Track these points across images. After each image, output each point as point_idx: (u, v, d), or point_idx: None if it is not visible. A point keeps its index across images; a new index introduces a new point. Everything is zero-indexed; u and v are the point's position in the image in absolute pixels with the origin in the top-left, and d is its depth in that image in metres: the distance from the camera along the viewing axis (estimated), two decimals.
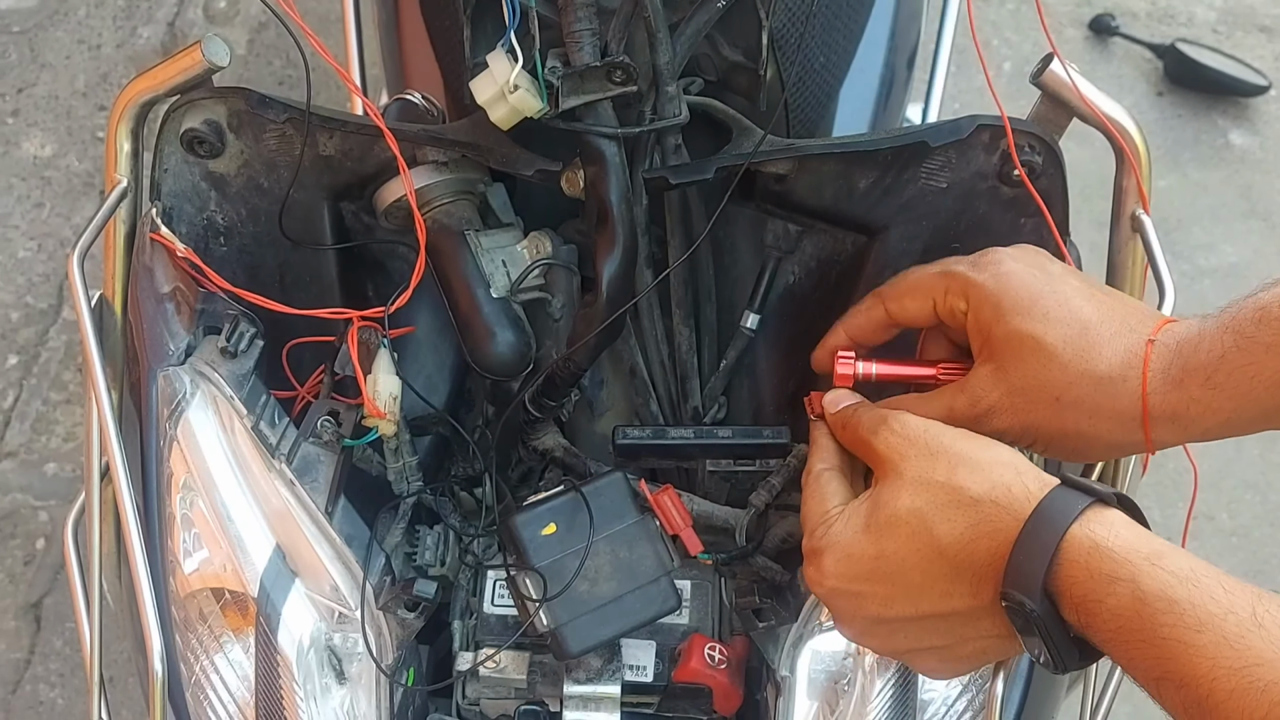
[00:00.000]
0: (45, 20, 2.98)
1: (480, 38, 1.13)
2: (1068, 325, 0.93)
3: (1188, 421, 0.92)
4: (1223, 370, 0.89)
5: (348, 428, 1.09)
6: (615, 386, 1.27)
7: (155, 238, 1.10)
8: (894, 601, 0.91)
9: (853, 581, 0.92)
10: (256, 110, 1.12)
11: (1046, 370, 0.93)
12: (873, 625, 0.94)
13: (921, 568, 0.88)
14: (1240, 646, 0.73)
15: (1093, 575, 0.79)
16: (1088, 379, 0.92)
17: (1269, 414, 0.90)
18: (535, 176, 1.12)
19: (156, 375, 1.07)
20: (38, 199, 2.77)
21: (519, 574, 1.06)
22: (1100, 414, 0.93)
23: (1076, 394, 0.93)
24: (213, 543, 1.05)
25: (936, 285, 1.00)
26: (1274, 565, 2.36)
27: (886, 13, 1.44)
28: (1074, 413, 0.93)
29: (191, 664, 1.05)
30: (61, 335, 2.63)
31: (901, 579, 0.90)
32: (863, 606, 0.93)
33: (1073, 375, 0.93)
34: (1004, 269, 0.96)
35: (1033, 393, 0.94)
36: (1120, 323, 0.93)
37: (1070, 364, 0.93)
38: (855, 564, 0.91)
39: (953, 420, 0.96)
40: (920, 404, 1.00)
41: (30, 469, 2.50)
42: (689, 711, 1.12)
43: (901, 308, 1.03)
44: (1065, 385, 0.93)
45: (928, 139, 1.10)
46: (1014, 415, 0.95)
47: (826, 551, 0.93)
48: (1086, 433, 0.94)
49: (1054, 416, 0.94)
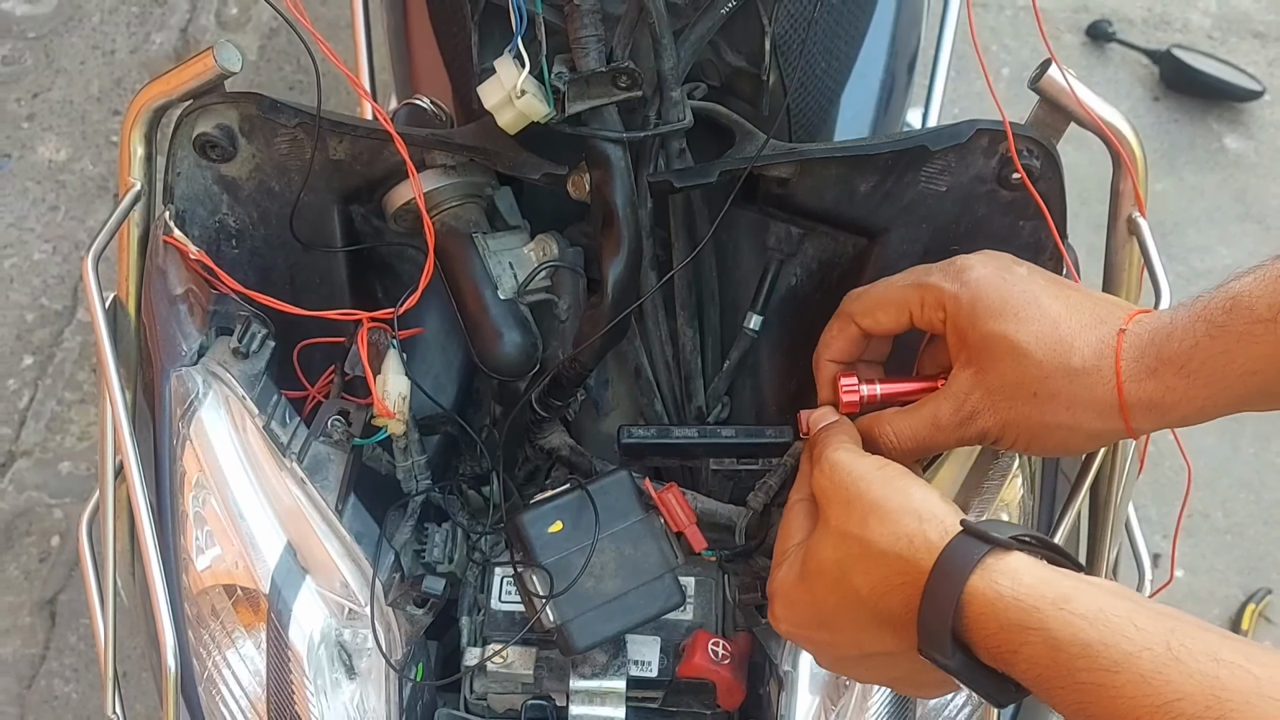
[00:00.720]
0: (60, 26, 2.99)
1: (488, 44, 1.14)
2: (1038, 322, 0.94)
3: (1165, 409, 0.92)
4: (1196, 359, 0.90)
5: (357, 427, 1.10)
6: (620, 386, 1.27)
7: (168, 240, 1.11)
8: (839, 645, 0.93)
9: (800, 627, 0.95)
10: (268, 115, 1.12)
11: (1022, 368, 0.94)
12: (836, 663, 0.97)
13: (850, 615, 0.90)
14: (1158, 682, 0.72)
15: (1003, 627, 0.79)
16: (1062, 373, 0.93)
17: (1244, 399, 0.91)
18: (542, 180, 1.13)
19: (169, 375, 1.08)
20: (53, 202, 2.78)
21: (526, 571, 1.07)
22: (1078, 405, 0.93)
23: (1053, 388, 0.93)
24: (225, 540, 1.05)
25: (911, 297, 1.00)
26: (1268, 563, 2.37)
27: (887, 19, 1.43)
28: (1053, 406, 0.94)
29: (204, 659, 1.05)
30: (76, 336, 2.64)
31: (836, 626, 0.92)
32: (818, 649, 0.97)
33: (1048, 370, 0.93)
34: (973, 275, 0.97)
35: (1011, 390, 0.95)
36: (1090, 315, 0.94)
37: (1044, 360, 0.93)
38: (797, 611, 0.94)
39: (940, 427, 0.98)
40: (906, 416, 1.00)
41: (45, 468, 2.51)
42: (693, 706, 1.13)
43: (875, 322, 1.03)
44: (1041, 380, 0.94)
45: (927, 143, 1.10)
46: (995, 414, 0.96)
47: (776, 597, 0.96)
48: (1067, 424, 0.94)
49: (1034, 412, 0.94)
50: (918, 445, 1.00)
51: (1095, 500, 1.14)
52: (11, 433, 2.54)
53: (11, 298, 2.67)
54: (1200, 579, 2.32)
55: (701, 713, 1.13)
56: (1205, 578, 2.32)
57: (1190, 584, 2.33)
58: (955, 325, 0.97)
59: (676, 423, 1.25)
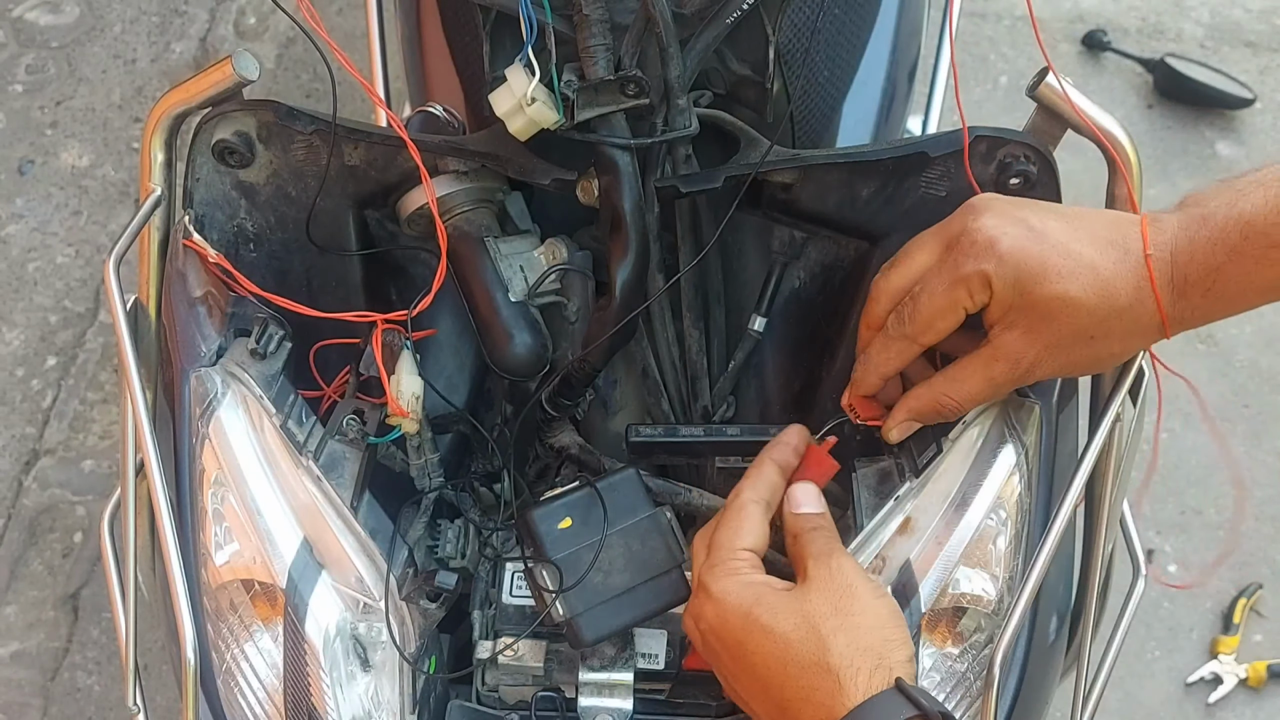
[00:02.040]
0: (82, 36, 3.00)
1: (499, 53, 1.15)
2: (1081, 273, 0.97)
3: (1193, 322, 0.99)
4: (1220, 283, 0.96)
5: (372, 426, 1.11)
6: (628, 386, 1.28)
7: (188, 244, 1.12)
8: (738, 680, 0.98)
9: (716, 640, 0.98)
10: (285, 122, 1.13)
11: (1077, 320, 0.98)
12: (721, 678, 1.01)
13: (763, 681, 0.95)
14: None
15: None
16: (1114, 314, 0.98)
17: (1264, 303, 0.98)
18: (552, 185, 1.14)
19: (189, 376, 1.09)
20: (75, 207, 2.79)
21: (536, 566, 1.08)
22: (1129, 336, 1.00)
23: (1108, 328, 0.99)
24: (243, 536, 1.06)
25: (960, 296, 1.01)
26: (1259, 559, 2.37)
27: (888, 28, 1.44)
28: (1107, 342, 1.00)
29: (222, 652, 1.06)
30: (98, 337, 2.65)
31: (748, 673, 0.96)
32: (717, 662, 1.00)
33: (1101, 315, 0.98)
34: (1004, 245, 0.98)
35: (1070, 340, 0.99)
36: (1113, 244, 0.98)
37: (1096, 307, 0.97)
38: (725, 631, 0.97)
39: (998, 386, 1.03)
40: (961, 384, 1.04)
41: (68, 465, 2.52)
42: (699, 698, 1.14)
43: (936, 334, 1.04)
44: (1097, 324, 0.98)
45: (927, 149, 1.11)
46: (1054, 363, 1.01)
47: (710, 601, 0.99)
48: (1117, 352, 1.02)
49: (1090, 351, 1.00)
50: (976, 404, 1.06)
51: (1091, 497, 1.15)
52: (35, 431, 2.56)
53: (35, 300, 2.69)
54: (1193, 574, 2.33)
55: (706, 704, 1.14)
56: (1198, 573, 2.33)
57: (1183, 579, 2.34)
58: (1000, 299, 0.99)
59: (683, 422, 1.25)
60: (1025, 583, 1.02)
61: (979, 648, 1.04)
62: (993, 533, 1.05)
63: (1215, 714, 2.27)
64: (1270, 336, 2.60)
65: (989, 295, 0.99)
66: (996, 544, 1.05)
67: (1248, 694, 2.28)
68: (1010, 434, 1.07)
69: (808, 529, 1.04)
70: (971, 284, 0.99)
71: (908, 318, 1.04)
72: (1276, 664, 2.27)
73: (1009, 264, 0.98)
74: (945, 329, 1.03)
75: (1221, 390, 2.54)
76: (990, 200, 1.03)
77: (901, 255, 1.06)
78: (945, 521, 1.05)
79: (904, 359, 1.07)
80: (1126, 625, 1.15)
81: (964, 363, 1.04)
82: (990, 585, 1.04)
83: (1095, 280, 0.97)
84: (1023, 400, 1.09)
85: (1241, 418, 2.52)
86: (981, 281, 0.99)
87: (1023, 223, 0.99)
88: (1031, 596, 1.02)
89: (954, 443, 1.08)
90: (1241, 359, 2.58)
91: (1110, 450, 1.12)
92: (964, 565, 1.04)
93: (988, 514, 1.06)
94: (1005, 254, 0.98)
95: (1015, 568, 1.05)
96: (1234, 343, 2.60)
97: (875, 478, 1.11)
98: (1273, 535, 2.41)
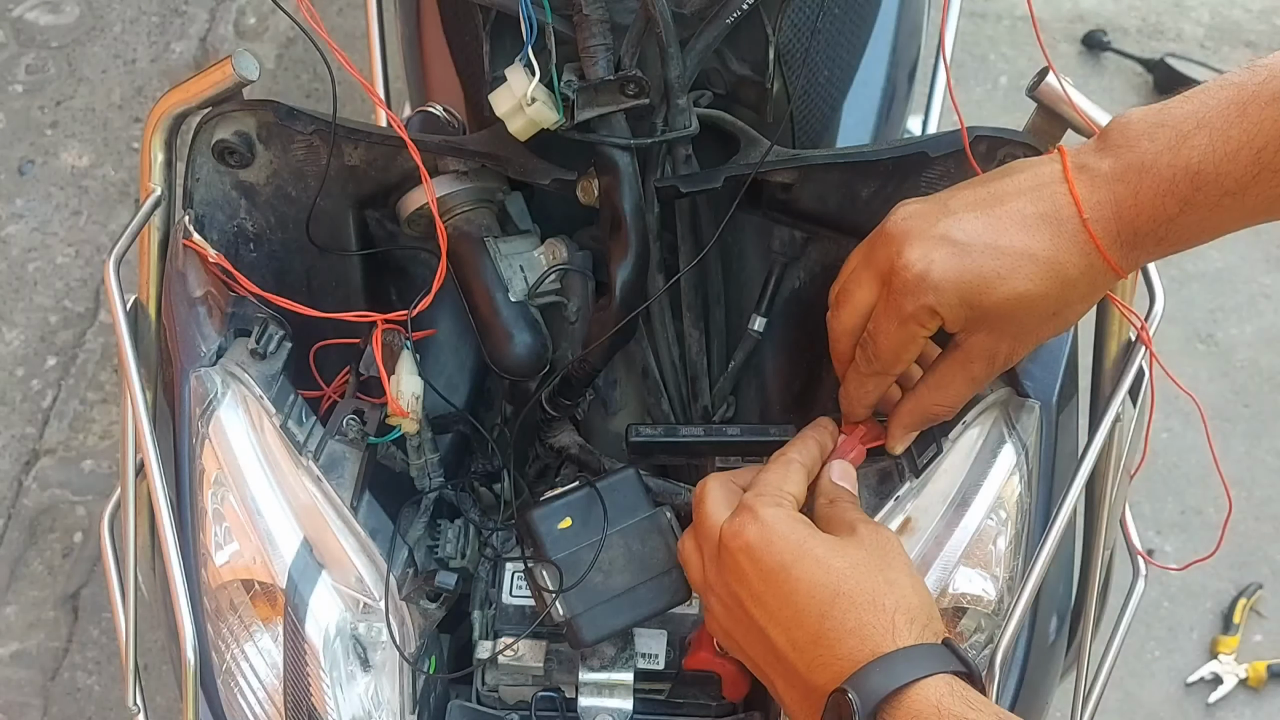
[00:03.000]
0: (83, 36, 3.00)
1: (499, 53, 1.15)
2: (1020, 267, 0.95)
3: (1146, 262, 0.99)
4: (1174, 232, 0.94)
5: (372, 426, 1.11)
6: (628, 386, 1.28)
7: (188, 244, 1.12)
8: (761, 602, 0.95)
9: (749, 560, 0.96)
10: (285, 122, 1.13)
11: (1034, 307, 0.97)
12: (733, 604, 0.98)
13: (800, 608, 0.93)
14: None
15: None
16: (1067, 286, 0.96)
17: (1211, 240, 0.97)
18: (552, 185, 1.14)
19: (189, 376, 1.09)
20: (75, 207, 2.79)
21: (536, 566, 1.08)
22: (1088, 299, 0.99)
23: (1066, 299, 0.97)
24: (243, 536, 1.06)
25: (914, 330, 0.99)
26: (1259, 558, 2.38)
27: (888, 29, 1.44)
28: (1070, 309, 0.99)
29: (222, 652, 1.06)
30: (98, 337, 2.65)
31: (783, 597, 0.94)
32: (740, 581, 0.97)
33: (1055, 294, 0.96)
34: (934, 277, 0.96)
35: (1034, 325, 0.99)
36: (1044, 218, 0.95)
37: (1049, 290, 0.96)
38: (767, 552, 0.95)
39: (978, 382, 1.03)
40: (943, 389, 1.04)
41: (68, 465, 2.52)
42: (699, 698, 1.14)
43: (905, 363, 1.04)
44: (1054, 303, 0.97)
45: (927, 149, 1.11)
46: (1027, 345, 1.02)
47: (756, 522, 0.97)
48: (1084, 310, 1.01)
49: (1057, 323, 1.00)
50: (965, 400, 1.06)
51: (1090, 497, 1.15)
52: (35, 431, 2.56)
53: (35, 300, 2.69)
54: (1193, 573, 2.33)
55: (706, 704, 1.14)
56: (1197, 572, 2.33)
57: (1183, 579, 2.34)
58: (953, 319, 0.98)
59: (683, 422, 1.25)
60: (1025, 583, 1.02)
61: (979, 648, 1.05)
62: (993, 533, 1.05)
63: (1215, 714, 2.27)
64: (1270, 336, 2.61)
65: (940, 320, 0.99)
66: (996, 544, 1.05)
67: (1248, 694, 2.28)
68: (1010, 434, 1.08)
69: (846, 498, 1.05)
70: (920, 318, 0.98)
71: (873, 355, 1.04)
72: (1276, 664, 2.27)
73: (947, 290, 0.96)
74: (912, 357, 1.03)
75: (1221, 390, 2.54)
76: (907, 220, 0.99)
77: (843, 294, 1.05)
78: (945, 521, 1.06)
79: (882, 388, 1.07)
80: (1126, 625, 1.15)
81: (942, 369, 1.04)
82: (990, 585, 1.05)
83: (1037, 267, 0.95)
84: (1023, 400, 1.09)
85: (1241, 418, 2.52)
86: (928, 314, 0.98)
87: (945, 241, 0.97)
88: (1031, 596, 1.02)
89: (954, 443, 1.08)
90: (1241, 359, 2.58)
91: (1110, 450, 1.12)
92: (964, 565, 1.05)
93: (988, 514, 1.06)
94: (939, 283, 0.96)
95: (1015, 568, 1.05)
96: (1234, 343, 2.60)
97: (875, 478, 1.11)
98: (1273, 535, 2.41)
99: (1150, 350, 1.10)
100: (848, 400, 1.09)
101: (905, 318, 0.99)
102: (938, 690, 0.87)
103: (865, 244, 1.04)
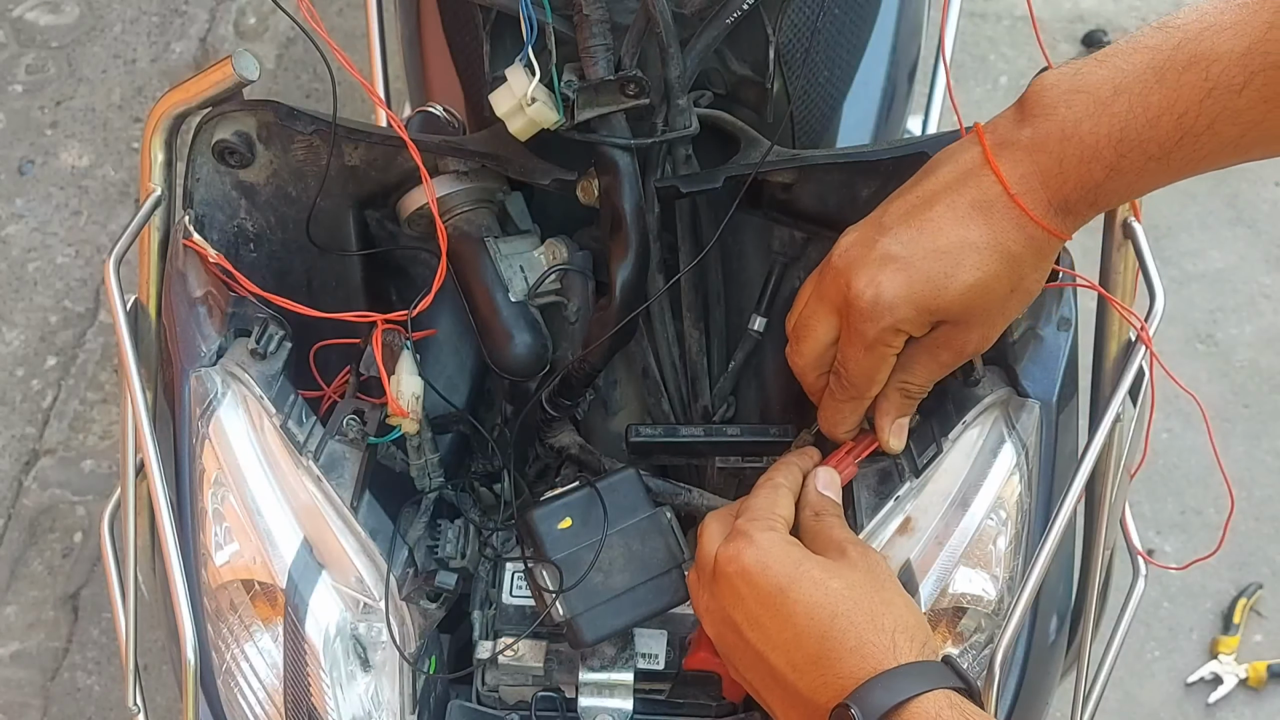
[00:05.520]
0: (83, 36, 3.01)
1: (499, 53, 1.15)
2: (964, 260, 0.96)
3: (1085, 222, 0.99)
4: (1103, 196, 0.95)
5: (372, 426, 1.11)
6: (628, 386, 1.28)
7: (188, 244, 1.12)
8: (759, 625, 0.95)
9: (746, 583, 0.96)
10: (285, 122, 1.13)
11: (990, 292, 0.98)
12: (728, 625, 0.98)
13: (800, 629, 0.93)
14: None
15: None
16: (1014, 262, 0.97)
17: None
18: (552, 185, 1.14)
19: (189, 376, 1.08)
20: (75, 207, 2.80)
21: (536, 566, 1.08)
22: (1040, 264, 0.99)
23: (1019, 274, 0.98)
24: (243, 536, 1.06)
25: (882, 352, 1.01)
26: (1259, 558, 2.38)
27: (888, 29, 1.44)
28: (1026, 282, 0.99)
29: (222, 652, 1.06)
30: (98, 338, 2.66)
31: (781, 619, 0.94)
32: (736, 605, 0.97)
33: (1005, 273, 0.97)
34: (887, 297, 0.97)
35: (996, 307, 0.99)
36: (978, 208, 0.96)
37: (998, 271, 0.97)
38: (764, 575, 0.96)
39: (947, 366, 1.05)
40: (911, 370, 1.05)
41: (68, 465, 2.53)
42: (699, 698, 1.14)
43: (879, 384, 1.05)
44: (1008, 281, 0.98)
45: (927, 150, 1.10)
46: (995, 328, 1.02)
47: (752, 546, 0.97)
48: (1041, 278, 1.01)
49: (1019, 297, 1.00)
50: (935, 381, 1.07)
51: (1090, 497, 1.15)
52: (35, 431, 2.56)
53: (35, 300, 2.69)
54: (1193, 573, 2.33)
55: (707, 704, 1.14)
56: (1197, 572, 2.34)
57: (1183, 579, 2.35)
58: (917, 327, 1.00)
59: (683, 422, 1.25)
60: (1025, 583, 1.02)
61: (979, 648, 1.05)
62: (993, 533, 1.05)
63: (1215, 714, 2.27)
64: (1270, 336, 2.61)
65: (905, 334, 1.00)
66: (996, 544, 1.05)
67: (1248, 694, 2.28)
68: (1010, 434, 1.08)
69: (831, 511, 1.05)
70: (885, 340, 1.00)
71: (847, 383, 1.05)
72: (1276, 664, 2.27)
73: (902, 306, 0.97)
74: (885, 376, 1.05)
75: (1221, 390, 2.54)
76: (849, 250, 1.01)
77: (801, 329, 1.06)
78: (945, 521, 1.06)
79: (860, 410, 1.09)
80: (1126, 625, 1.15)
81: (910, 352, 1.04)
82: (990, 585, 1.05)
83: (980, 255, 0.96)
84: (1023, 400, 1.09)
85: (1241, 418, 2.52)
86: (891, 334, 0.99)
87: (886, 260, 0.98)
88: (1031, 596, 1.02)
89: (954, 443, 1.08)
90: (1241, 359, 2.58)
91: (1110, 450, 1.12)
92: (964, 565, 1.05)
93: (988, 514, 1.06)
94: (893, 302, 0.97)
95: (1015, 568, 1.05)
96: (1234, 343, 2.60)
97: (875, 478, 1.12)
98: (1273, 535, 2.41)
99: (1150, 350, 1.10)
100: (829, 426, 1.10)
101: (870, 343, 1.00)
102: (938, 704, 0.88)
103: (814, 277, 1.06)
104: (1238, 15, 0.89)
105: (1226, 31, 0.89)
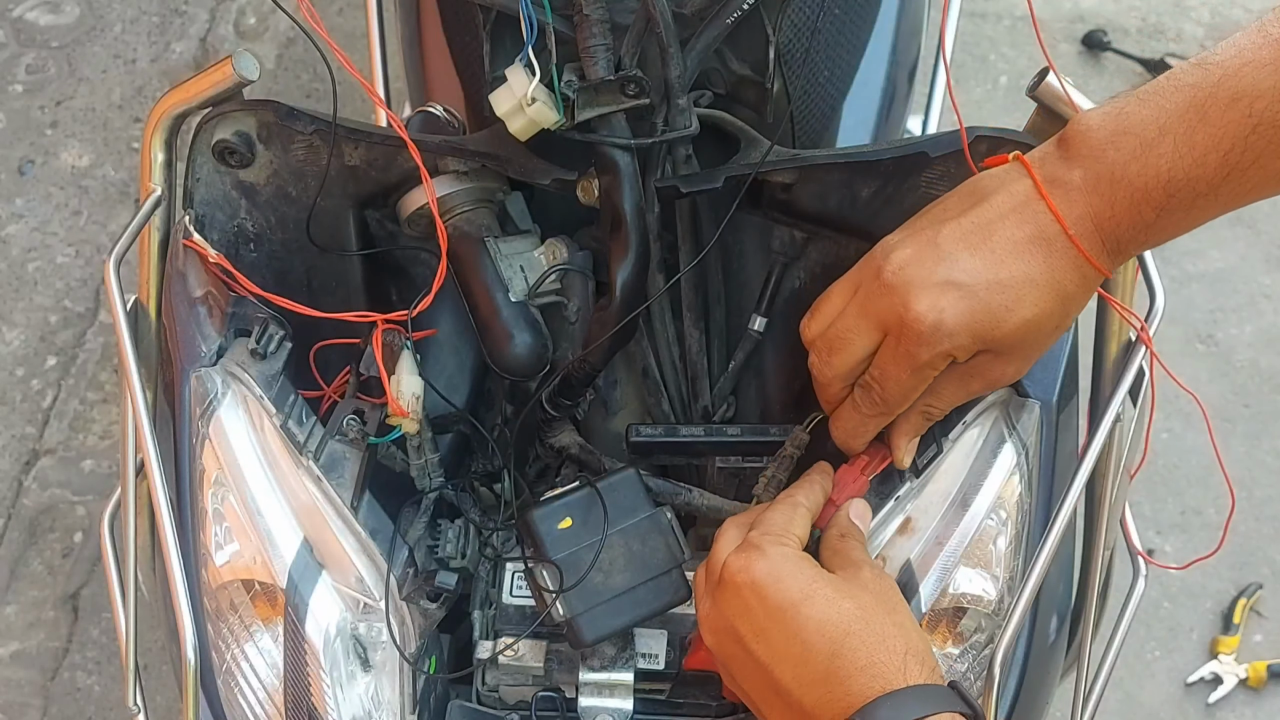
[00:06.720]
0: (83, 36, 3.01)
1: (499, 53, 1.15)
2: (1025, 295, 0.96)
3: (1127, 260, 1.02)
4: (1153, 235, 0.95)
5: (372, 426, 1.11)
6: (628, 386, 1.28)
7: (188, 244, 1.12)
8: (767, 640, 0.95)
9: (756, 597, 0.96)
10: (285, 122, 1.13)
11: (1042, 328, 0.98)
12: (732, 640, 0.98)
13: (810, 645, 0.93)
14: None
15: None
16: (1067, 300, 0.97)
17: None
18: (552, 185, 1.14)
19: (189, 376, 1.09)
20: (75, 207, 2.80)
21: (537, 566, 1.08)
22: (1083, 300, 0.99)
23: (1067, 311, 0.98)
24: (243, 536, 1.06)
25: (927, 374, 1.00)
26: (1258, 559, 2.39)
27: (888, 29, 1.44)
28: (1069, 318, 1.00)
29: (223, 652, 1.06)
30: (98, 337, 2.66)
31: (791, 634, 0.94)
32: (743, 617, 0.97)
33: (1059, 310, 0.97)
34: (949, 324, 0.96)
35: (1043, 342, 1.00)
36: (1037, 243, 0.96)
37: (1053, 309, 0.97)
38: (775, 590, 0.95)
39: (973, 393, 1.04)
40: (937, 395, 1.04)
41: (68, 465, 2.53)
42: (699, 698, 1.14)
43: (910, 402, 1.04)
44: (1059, 318, 0.98)
45: (927, 150, 1.11)
46: (1029, 363, 1.03)
47: (765, 559, 0.97)
48: (1078, 313, 1.01)
49: (1057, 336, 1.01)
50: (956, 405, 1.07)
51: (1090, 497, 1.15)
52: (35, 431, 2.56)
53: (35, 300, 2.69)
54: (1193, 573, 2.34)
55: (707, 704, 1.14)
56: (1197, 572, 2.34)
57: (1183, 578, 2.35)
58: (964, 354, 0.99)
59: (683, 422, 1.25)
60: (1025, 583, 1.02)
61: (979, 648, 1.05)
62: (993, 533, 1.06)
63: (1215, 714, 2.27)
64: (1270, 336, 2.61)
65: (952, 359, 1.00)
66: (996, 544, 1.06)
67: (1248, 694, 2.28)
68: (1010, 434, 1.08)
69: (856, 536, 1.05)
70: (934, 363, 0.99)
71: (878, 399, 1.03)
72: (1276, 664, 2.27)
73: (961, 334, 0.97)
74: (917, 397, 1.04)
75: (1221, 390, 2.54)
76: (905, 270, 0.98)
77: (836, 341, 1.03)
78: (945, 521, 1.06)
79: (881, 426, 1.07)
80: (1126, 625, 1.15)
81: (943, 376, 1.02)
82: (990, 585, 1.05)
83: (1039, 292, 0.96)
84: (1023, 400, 1.09)
85: (1241, 418, 2.52)
86: (943, 358, 0.99)
87: (950, 286, 0.96)
88: (1031, 596, 1.02)
89: (954, 443, 1.09)
90: (1241, 359, 2.58)
91: (1110, 450, 1.12)
92: (964, 565, 1.05)
93: (988, 514, 1.06)
94: (954, 330, 0.96)
95: (1015, 568, 1.06)
96: (1234, 343, 2.60)
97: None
98: (1272, 535, 2.41)
99: (1151, 350, 1.10)
100: (846, 437, 1.09)
101: (919, 366, 0.99)
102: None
103: (847, 287, 1.04)
104: (1275, 51, 0.89)
105: (1267, 67, 0.89)
